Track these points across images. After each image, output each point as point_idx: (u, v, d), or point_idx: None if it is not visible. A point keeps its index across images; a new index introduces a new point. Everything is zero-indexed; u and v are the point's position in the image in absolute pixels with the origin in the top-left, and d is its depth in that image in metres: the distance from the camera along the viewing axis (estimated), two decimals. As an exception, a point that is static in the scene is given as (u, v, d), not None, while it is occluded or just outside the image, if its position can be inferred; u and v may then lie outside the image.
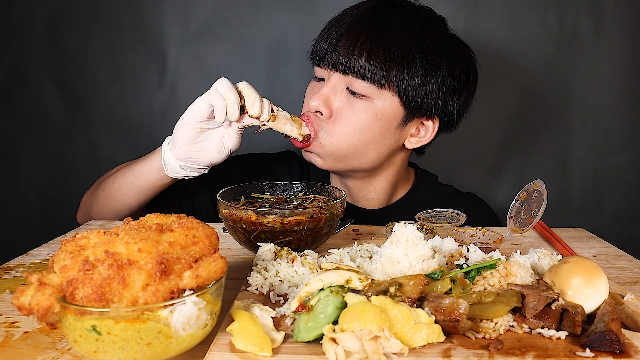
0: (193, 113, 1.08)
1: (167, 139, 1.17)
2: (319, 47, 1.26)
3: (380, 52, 1.17)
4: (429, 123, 1.30)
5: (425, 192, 1.46)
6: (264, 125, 1.11)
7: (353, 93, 1.21)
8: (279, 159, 1.55)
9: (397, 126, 1.25)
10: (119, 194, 1.25)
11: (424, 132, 1.31)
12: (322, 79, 1.28)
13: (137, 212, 1.31)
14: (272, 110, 1.10)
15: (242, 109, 1.08)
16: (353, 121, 1.21)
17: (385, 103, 1.21)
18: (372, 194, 1.40)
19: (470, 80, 1.31)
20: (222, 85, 1.06)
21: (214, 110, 1.07)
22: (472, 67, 1.33)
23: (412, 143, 1.31)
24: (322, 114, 1.22)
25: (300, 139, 1.19)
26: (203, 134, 1.11)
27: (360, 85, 1.20)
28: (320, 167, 1.29)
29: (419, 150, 1.44)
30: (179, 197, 1.40)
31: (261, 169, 1.51)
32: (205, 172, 1.19)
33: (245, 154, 1.57)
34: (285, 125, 1.15)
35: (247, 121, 1.10)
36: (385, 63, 1.17)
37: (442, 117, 1.29)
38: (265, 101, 1.09)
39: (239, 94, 1.07)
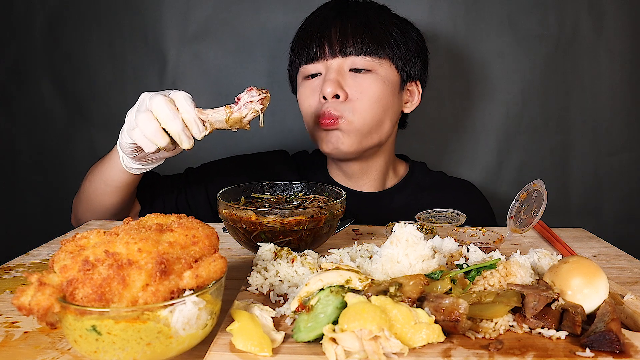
0: (128, 148, 1.05)
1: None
2: (304, 47, 1.35)
3: (370, 30, 1.32)
4: (413, 87, 1.46)
5: (420, 176, 1.56)
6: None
7: (357, 71, 1.32)
8: (274, 156, 1.58)
9: (398, 92, 1.39)
10: (96, 196, 1.24)
11: (412, 97, 1.47)
12: (315, 75, 1.36)
13: (124, 209, 1.29)
14: (204, 124, 0.97)
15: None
16: (369, 93, 1.31)
17: (387, 71, 1.34)
18: (373, 173, 1.48)
19: (424, 42, 1.47)
20: (147, 128, 0.95)
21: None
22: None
23: (407, 108, 1.46)
24: (338, 97, 1.31)
25: (248, 127, 1.02)
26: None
27: (362, 61, 1.31)
28: (345, 151, 1.35)
29: (402, 123, 1.55)
30: (175, 195, 1.40)
31: (258, 168, 1.53)
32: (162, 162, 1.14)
33: (238, 155, 1.58)
34: (226, 128, 1.01)
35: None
36: (377, 37, 1.32)
37: (422, 80, 1.46)
38: (192, 124, 0.95)
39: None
